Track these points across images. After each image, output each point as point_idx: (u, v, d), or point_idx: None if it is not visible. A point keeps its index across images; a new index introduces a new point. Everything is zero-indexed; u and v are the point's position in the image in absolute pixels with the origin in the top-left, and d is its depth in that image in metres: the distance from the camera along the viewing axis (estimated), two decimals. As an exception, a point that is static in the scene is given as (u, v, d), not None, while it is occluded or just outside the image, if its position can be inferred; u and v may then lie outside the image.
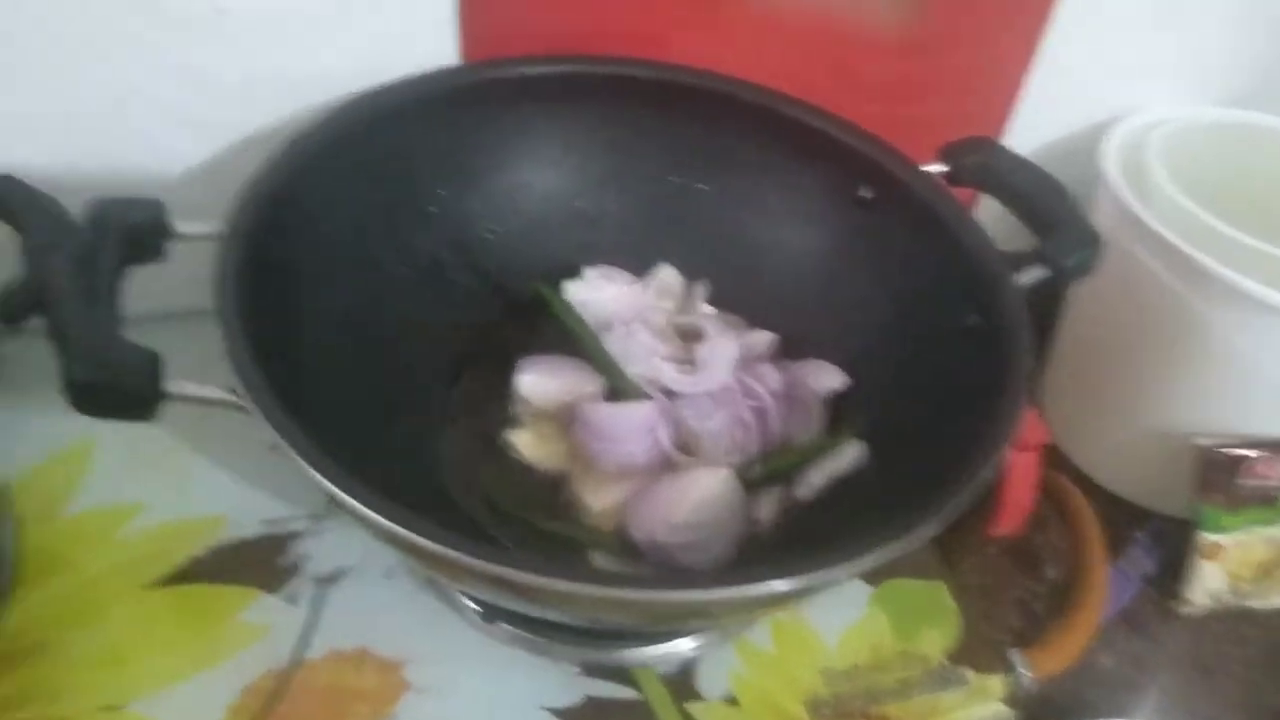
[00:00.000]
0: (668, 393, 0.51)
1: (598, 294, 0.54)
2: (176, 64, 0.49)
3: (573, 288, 0.55)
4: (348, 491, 0.35)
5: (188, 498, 0.50)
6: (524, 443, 0.50)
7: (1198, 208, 0.55)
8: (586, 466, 0.49)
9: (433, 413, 0.51)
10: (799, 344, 0.55)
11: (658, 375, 0.52)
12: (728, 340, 0.52)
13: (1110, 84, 0.67)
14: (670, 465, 0.49)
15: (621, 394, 0.51)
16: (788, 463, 0.50)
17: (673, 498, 0.46)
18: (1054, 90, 0.65)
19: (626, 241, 0.57)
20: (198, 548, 0.49)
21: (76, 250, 0.40)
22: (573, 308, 0.54)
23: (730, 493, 0.47)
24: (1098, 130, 0.64)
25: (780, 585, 0.34)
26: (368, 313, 0.49)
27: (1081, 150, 0.64)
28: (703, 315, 0.56)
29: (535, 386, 0.51)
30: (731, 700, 0.47)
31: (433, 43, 0.53)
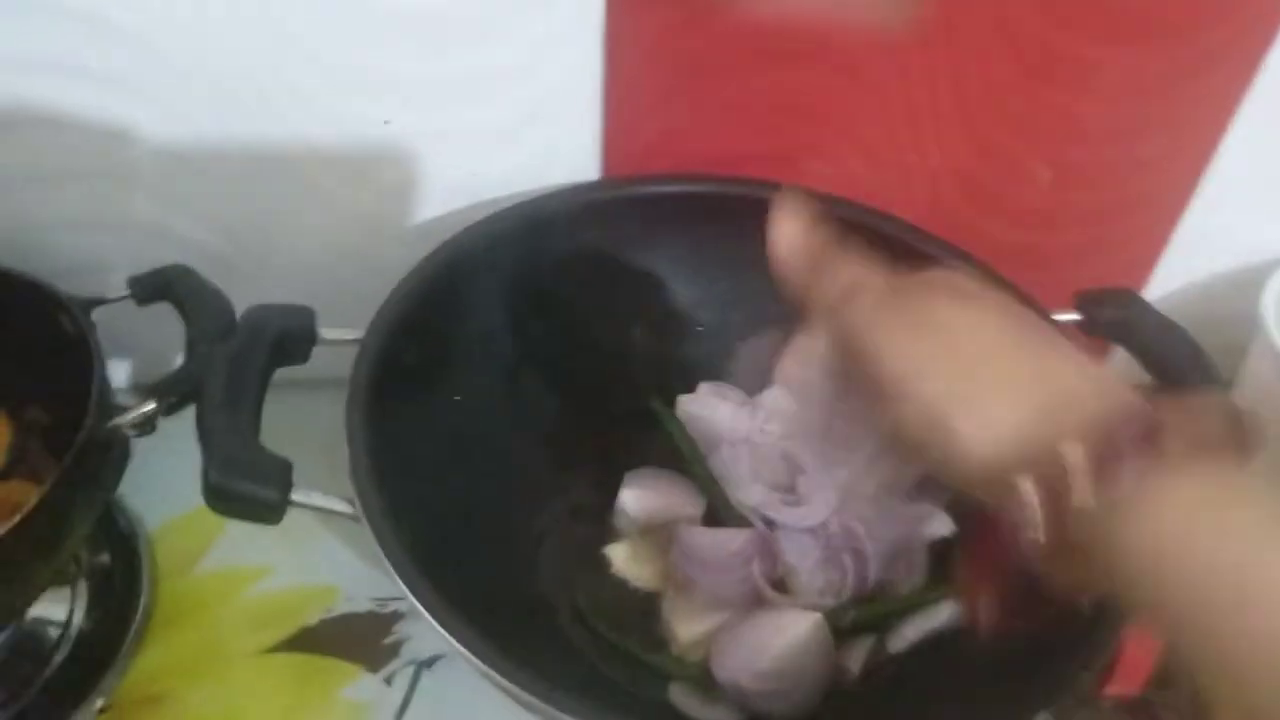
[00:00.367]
0: (769, 521, 0.51)
1: (710, 412, 0.55)
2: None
3: (686, 401, 0.56)
4: (464, 644, 0.38)
5: (309, 566, 0.54)
6: (621, 558, 0.52)
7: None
8: (679, 589, 0.50)
9: (539, 518, 0.53)
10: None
11: (760, 503, 0.52)
12: (827, 477, 0.52)
13: (1273, 224, 0.62)
14: (761, 600, 0.49)
15: (723, 518, 0.52)
16: (883, 611, 0.50)
17: (761, 640, 0.46)
18: (1211, 225, 0.60)
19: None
20: (312, 617, 0.52)
21: (231, 350, 0.44)
22: (684, 426, 0.55)
23: (820, 640, 0.47)
24: (1257, 274, 0.59)
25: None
26: (490, 416, 0.52)
27: (1237, 295, 0.60)
28: (805, 447, 0.55)
29: (638, 502, 0.52)
30: None
31: (580, 160, 0.55)
